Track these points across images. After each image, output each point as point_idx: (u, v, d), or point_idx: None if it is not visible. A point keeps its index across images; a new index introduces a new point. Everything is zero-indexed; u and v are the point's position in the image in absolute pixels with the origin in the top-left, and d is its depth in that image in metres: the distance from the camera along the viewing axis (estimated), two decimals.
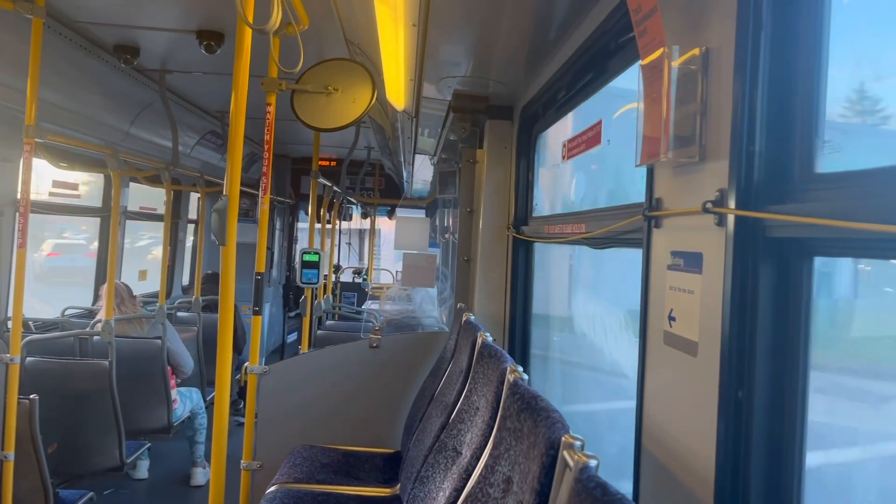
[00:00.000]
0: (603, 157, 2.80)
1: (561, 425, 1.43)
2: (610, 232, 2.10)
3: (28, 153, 3.26)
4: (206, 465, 5.36)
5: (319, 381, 3.61)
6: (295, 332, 10.01)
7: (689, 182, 1.48)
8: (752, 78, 1.27)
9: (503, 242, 3.76)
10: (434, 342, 3.73)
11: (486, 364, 2.30)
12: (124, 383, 4.30)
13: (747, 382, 1.25)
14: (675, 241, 1.56)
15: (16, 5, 3.06)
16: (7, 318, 4.55)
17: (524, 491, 1.48)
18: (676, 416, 1.49)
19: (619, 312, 2.90)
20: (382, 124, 5.24)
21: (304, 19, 3.09)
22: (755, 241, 1.26)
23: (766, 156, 1.27)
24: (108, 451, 4.23)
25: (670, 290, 1.54)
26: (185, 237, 7.86)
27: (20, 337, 3.28)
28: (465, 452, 2.17)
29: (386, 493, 2.99)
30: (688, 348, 1.44)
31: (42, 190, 5.24)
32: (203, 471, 5.34)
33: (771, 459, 1.25)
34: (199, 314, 6.19)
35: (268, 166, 3.22)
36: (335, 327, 7.20)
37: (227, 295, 2.65)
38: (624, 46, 2.09)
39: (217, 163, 7.09)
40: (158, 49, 4.26)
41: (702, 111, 1.42)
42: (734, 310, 1.27)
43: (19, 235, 3.25)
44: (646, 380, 1.66)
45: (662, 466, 1.53)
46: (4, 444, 3.25)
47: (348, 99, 3.41)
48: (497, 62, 3.20)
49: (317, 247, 5.26)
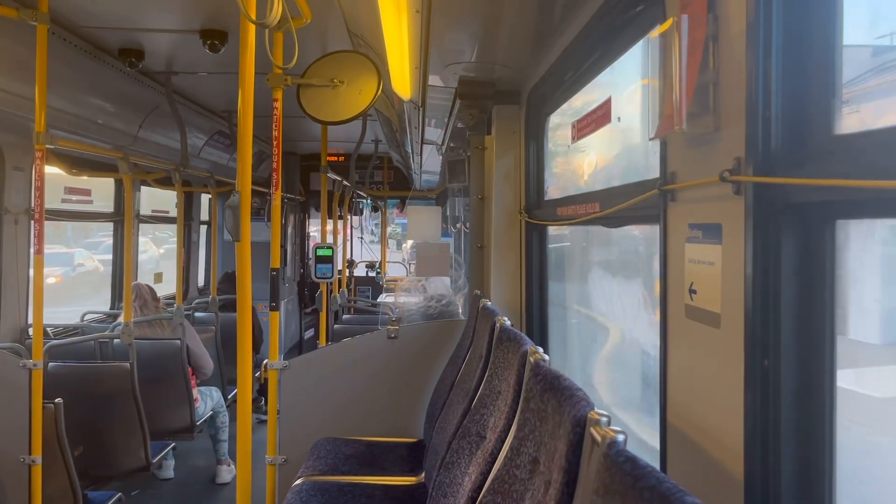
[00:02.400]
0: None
1: (586, 402, 1.42)
2: (624, 209, 2.09)
3: (39, 160, 3.28)
4: (230, 463, 5.40)
5: (339, 373, 3.62)
6: (312, 328, 10.05)
7: (705, 153, 1.47)
8: (766, 42, 1.25)
9: (516, 228, 3.75)
10: (451, 330, 3.73)
11: (506, 348, 2.30)
12: (146, 385, 4.34)
13: (773, 351, 1.24)
14: (692, 213, 1.54)
15: (20, 13, 3.08)
16: (28, 326, 4.60)
17: (552, 470, 1.48)
18: (701, 389, 1.48)
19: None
20: (389, 116, 5.23)
21: (306, 13, 3.08)
22: (775, 207, 1.24)
23: (783, 121, 1.25)
24: (134, 453, 4.28)
25: (690, 263, 1.53)
26: (199, 238, 7.90)
27: (42, 343, 3.31)
28: (489, 436, 2.17)
29: (411, 482, 3.00)
30: (710, 320, 1.43)
31: (55, 197, 5.27)
32: (228, 468, 5.38)
33: (800, 427, 1.23)
34: (217, 314, 6.22)
35: (277, 162, 3.23)
36: (351, 321, 7.23)
37: (244, 291, 2.66)
38: (631, 21, 2.07)
39: (226, 163, 7.11)
40: (163, 51, 4.27)
41: (714, 80, 1.40)
42: (757, 278, 1.26)
43: (35, 242, 3.28)
44: (668, 355, 1.65)
45: (689, 440, 1.52)
46: (32, 449, 3.29)
47: (354, 91, 3.41)
48: (502, 45, 3.18)
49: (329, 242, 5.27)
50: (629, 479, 1.11)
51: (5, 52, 3.41)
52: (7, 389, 3.33)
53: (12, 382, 3.32)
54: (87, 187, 5.75)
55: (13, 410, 3.32)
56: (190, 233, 7.45)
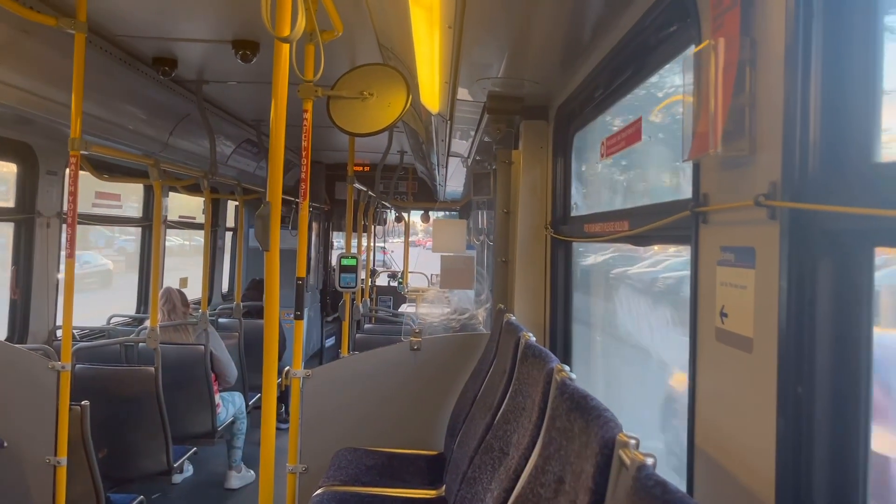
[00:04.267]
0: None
1: (614, 424, 1.41)
2: (654, 229, 2.08)
3: (74, 165, 3.34)
4: (241, 470, 5.41)
5: (361, 383, 3.63)
6: (332, 336, 10.10)
7: (739, 176, 1.46)
8: (805, 68, 1.24)
9: (541, 243, 3.75)
10: (474, 343, 3.73)
11: (531, 364, 2.29)
12: (170, 389, 4.38)
13: (807, 378, 1.23)
14: (724, 236, 1.54)
15: (58, 21, 3.14)
16: (56, 328, 4.67)
17: (577, 490, 1.47)
18: (731, 414, 1.47)
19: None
20: (416, 128, 5.26)
21: (338, 26, 3.12)
22: (811, 233, 1.23)
23: (821, 146, 1.24)
24: (156, 456, 4.32)
25: (721, 286, 1.52)
26: (224, 245, 7.98)
27: (70, 345, 3.36)
28: (511, 453, 2.16)
29: (431, 495, 2.99)
30: (742, 344, 1.41)
31: (85, 202, 5.37)
32: (238, 475, 5.39)
33: (834, 455, 1.22)
34: (241, 320, 6.28)
35: (306, 171, 3.26)
36: (373, 331, 7.25)
37: (271, 300, 2.68)
38: (664, 41, 2.07)
39: (253, 171, 7.19)
40: (195, 60, 4.34)
41: (750, 103, 1.40)
42: (791, 304, 1.25)
43: (67, 245, 3.33)
44: (697, 377, 1.63)
45: (718, 465, 1.50)
46: (57, 450, 3.33)
47: (383, 104, 3.44)
48: (532, 62, 3.19)
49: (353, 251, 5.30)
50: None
51: (42, 59, 3.49)
52: (35, 390, 3.38)
53: (40, 384, 3.37)
54: (116, 192, 5.85)
55: (40, 411, 3.37)
56: (216, 239, 7.54)
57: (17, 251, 4.50)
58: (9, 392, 3.40)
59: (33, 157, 4.43)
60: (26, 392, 3.39)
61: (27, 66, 3.44)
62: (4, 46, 3.23)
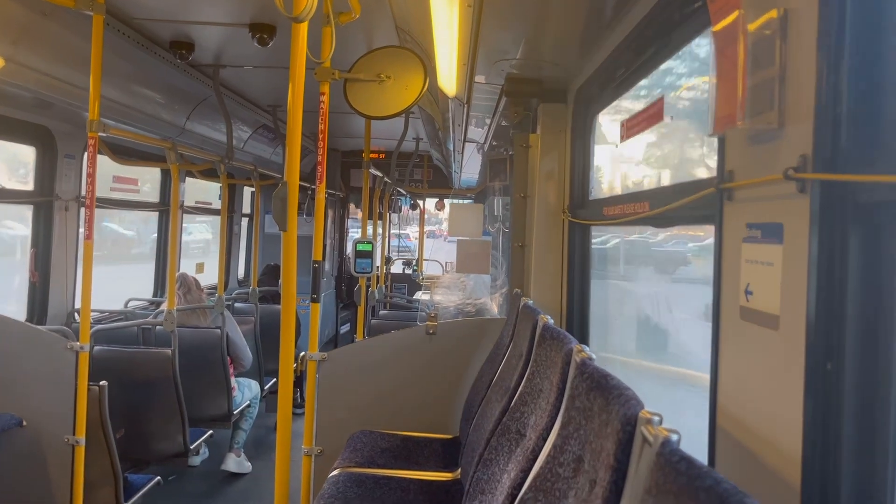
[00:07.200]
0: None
1: (636, 402, 1.40)
2: (676, 209, 2.04)
3: (92, 147, 3.35)
4: (240, 455, 5.37)
5: (377, 367, 3.63)
6: (347, 323, 10.13)
7: (767, 150, 1.42)
8: (839, 38, 1.21)
9: (558, 227, 3.71)
10: (490, 328, 3.71)
11: (549, 346, 2.27)
12: (186, 372, 4.41)
13: (837, 354, 1.20)
14: (750, 212, 1.50)
15: (76, 3, 3.14)
16: (75, 310, 4.71)
17: (597, 468, 1.45)
18: (755, 391, 1.44)
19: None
20: (432, 113, 5.23)
21: (355, 8, 3.10)
22: (843, 205, 1.20)
23: (854, 118, 1.21)
24: (172, 438, 4.35)
25: (746, 264, 1.49)
26: (240, 230, 8.01)
27: (89, 326, 3.38)
28: (529, 434, 2.14)
29: (447, 478, 2.99)
30: (768, 322, 1.38)
31: (103, 186, 5.39)
32: (237, 460, 5.33)
33: (863, 432, 1.19)
34: (257, 304, 6.30)
35: (322, 155, 3.25)
36: (388, 316, 7.26)
37: (288, 282, 2.68)
38: (689, 16, 2.03)
39: (269, 156, 7.20)
40: (212, 44, 4.33)
41: (780, 75, 1.36)
42: (822, 279, 1.22)
43: (86, 227, 3.35)
44: (720, 356, 1.61)
45: (740, 444, 1.48)
46: (76, 430, 3.36)
47: (401, 86, 3.42)
48: (551, 43, 3.15)
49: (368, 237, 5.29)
50: (684, 479, 1.08)
51: (60, 42, 3.50)
52: (54, 371, 3.41)
53: (59, 364, 3.40)
54: (133, 177, 5.88)
55: (59, 392, 3.40)
56: (231, 225, 7.56)
57: (37, 234, 4.53)
58: (28, 372, 3.43)
59: (52, 140, 4.45)
60: (45, 372, 3.42)
61: (46, 50, 3.45)
62: (24, 29, 3.23)
